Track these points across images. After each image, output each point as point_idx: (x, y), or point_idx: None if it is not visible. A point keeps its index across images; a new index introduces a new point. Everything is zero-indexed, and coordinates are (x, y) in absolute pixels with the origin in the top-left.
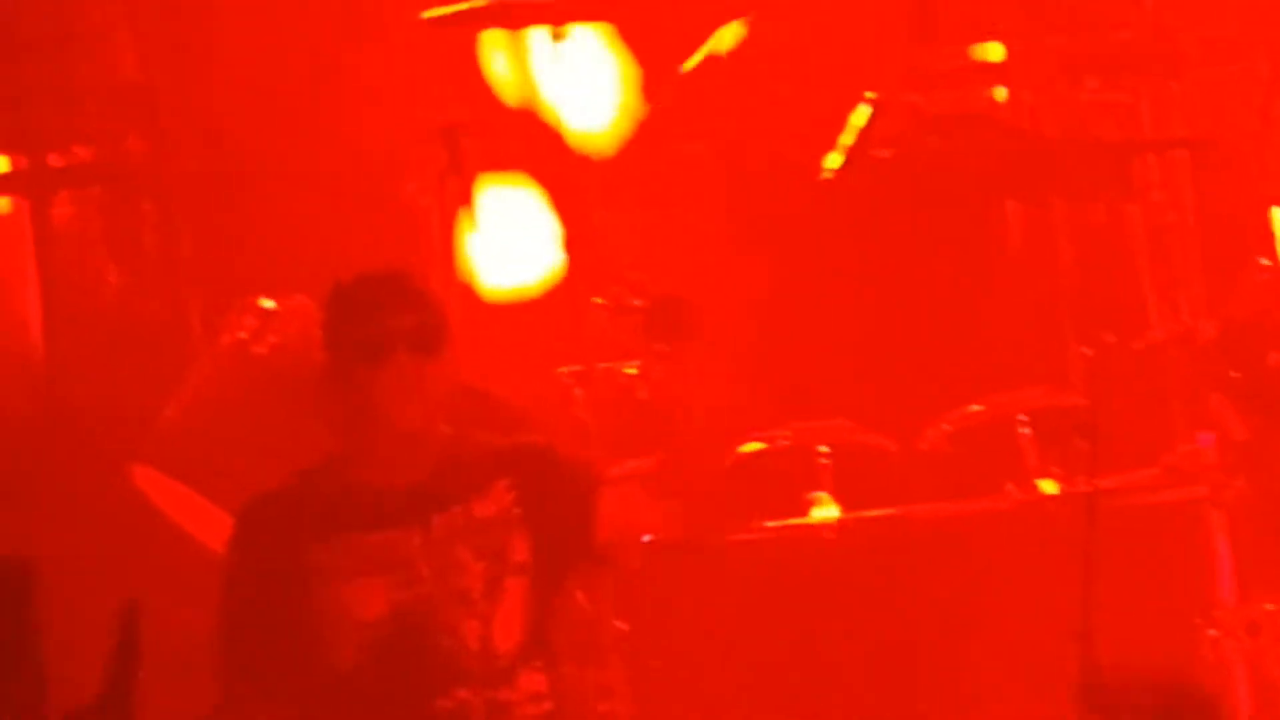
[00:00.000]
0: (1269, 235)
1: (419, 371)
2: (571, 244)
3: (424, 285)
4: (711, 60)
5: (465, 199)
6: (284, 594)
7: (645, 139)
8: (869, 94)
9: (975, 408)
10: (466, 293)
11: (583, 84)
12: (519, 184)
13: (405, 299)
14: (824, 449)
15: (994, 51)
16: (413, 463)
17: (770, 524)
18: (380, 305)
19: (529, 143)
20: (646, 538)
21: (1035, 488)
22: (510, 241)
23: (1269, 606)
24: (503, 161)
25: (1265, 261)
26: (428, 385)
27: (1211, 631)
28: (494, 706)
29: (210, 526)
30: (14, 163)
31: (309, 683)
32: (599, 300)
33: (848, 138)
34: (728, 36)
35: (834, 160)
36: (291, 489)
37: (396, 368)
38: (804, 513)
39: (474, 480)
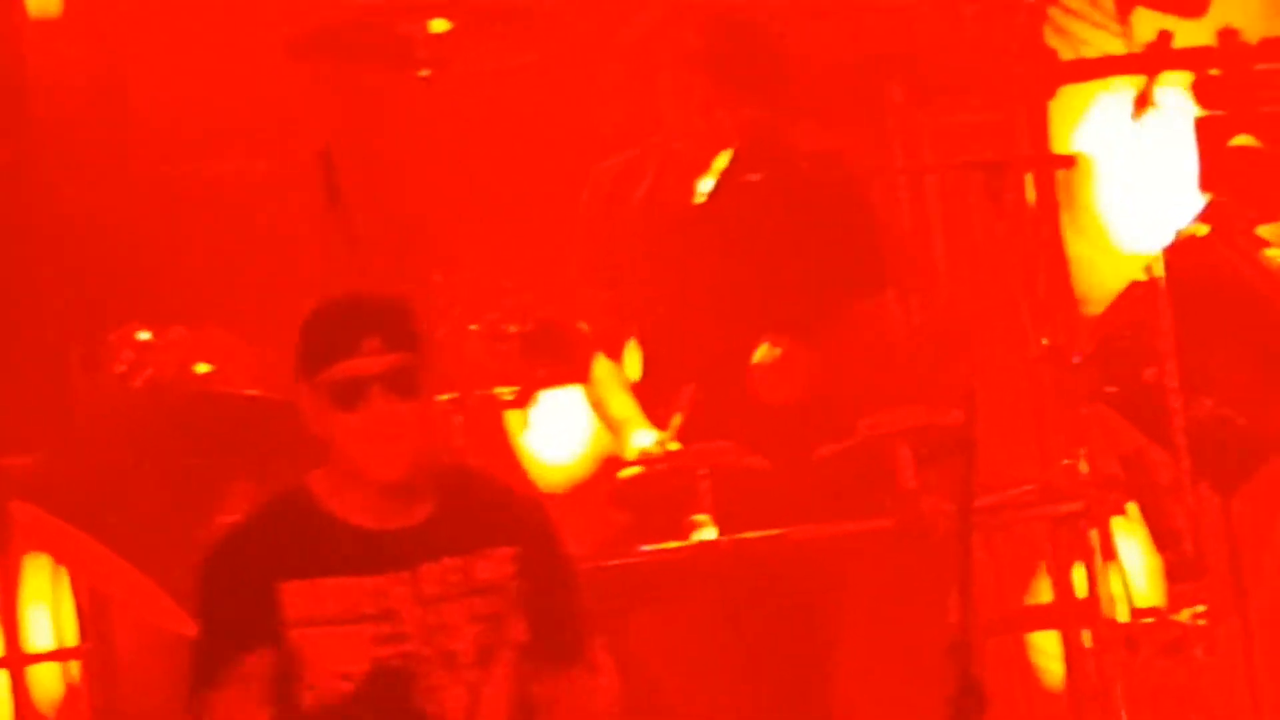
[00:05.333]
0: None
1: (397, 416)
2: (446, 269)
3: (409, 311)
4: None
5: (342, 224)
6: (260, 637)
7: (518, 155)
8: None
9: (857, 427)
10: None
11: None
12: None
13: (384, 331)
14: (704, 471)
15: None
16: (404, 504)
17: (649, 547)
18: (356, 341)
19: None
20: None
21: (914, 506)
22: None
23: (1146, 620)
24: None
25: (1141, 276)
26: (407, 430)
27: (1091, 645)
28: None
29: (94, 563)
30: None
31: None
32: (474, 327)
33: (720, 162)
34: None
35: (705, 184)
36: (263, 522)
37: (372, 412)
38: (684, 535)
39: (474, 536)
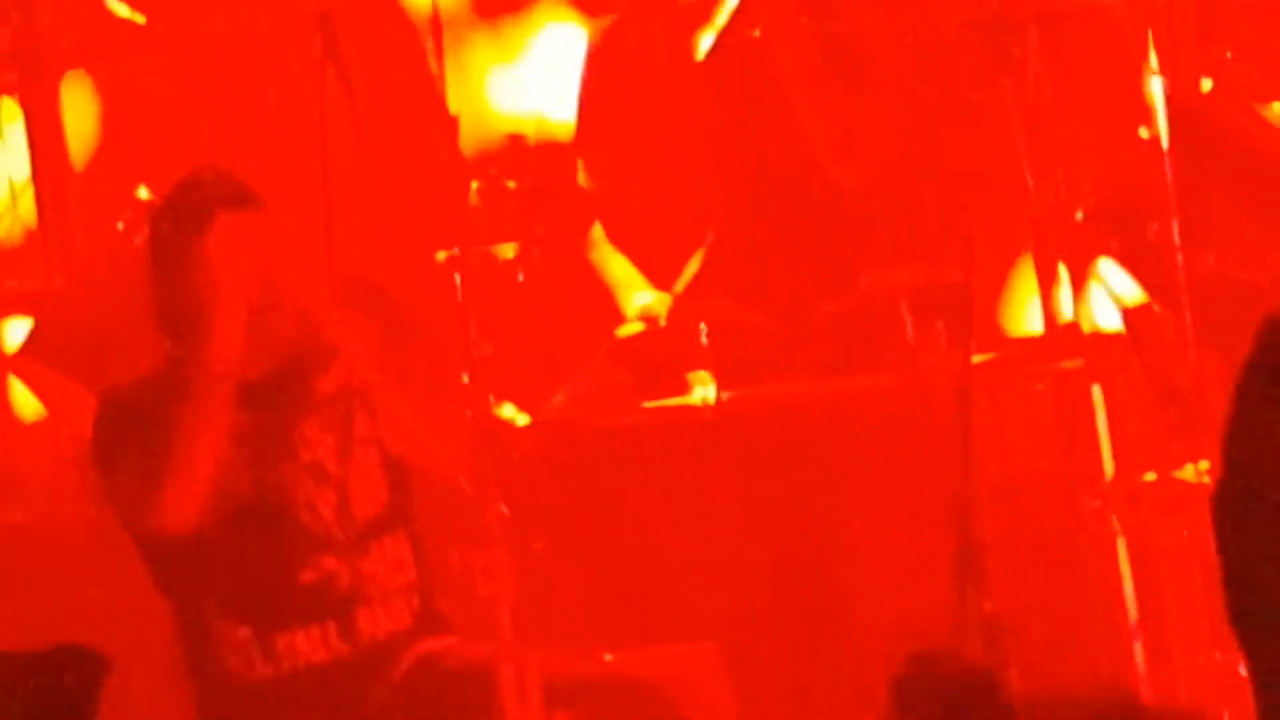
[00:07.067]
0: (1146, 106)
1: (243, 225)
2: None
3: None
4: None
5: (342, 86)
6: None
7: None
8: None
9: (857, 284)
10: (343, 181)
11: None
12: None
13: (215, 174)
14: (703, 328)
15: None
16: (261, 354)
17: (649, 404)
18: (193, 182)
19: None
20: None
21: (915, 364)
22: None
23: (1149, 477)
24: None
25: (1143, 132)
26: (255, 236)
27: (1093, 503)
28: (358, 575)
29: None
30: None
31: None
32: (476, 183)
33: (720, 18)
34: None
35: (705, 41)
36: (146, 381)
37: (222, 226)
38: (684, 392)
39: (319, 359)
